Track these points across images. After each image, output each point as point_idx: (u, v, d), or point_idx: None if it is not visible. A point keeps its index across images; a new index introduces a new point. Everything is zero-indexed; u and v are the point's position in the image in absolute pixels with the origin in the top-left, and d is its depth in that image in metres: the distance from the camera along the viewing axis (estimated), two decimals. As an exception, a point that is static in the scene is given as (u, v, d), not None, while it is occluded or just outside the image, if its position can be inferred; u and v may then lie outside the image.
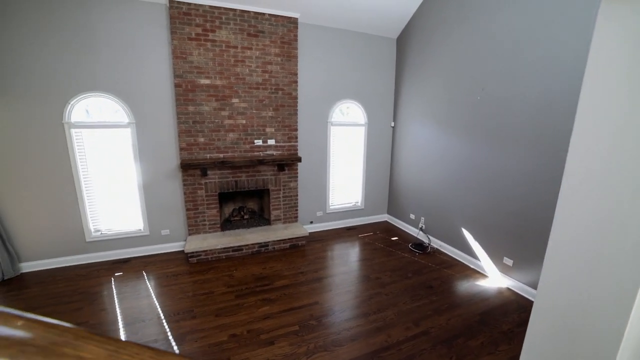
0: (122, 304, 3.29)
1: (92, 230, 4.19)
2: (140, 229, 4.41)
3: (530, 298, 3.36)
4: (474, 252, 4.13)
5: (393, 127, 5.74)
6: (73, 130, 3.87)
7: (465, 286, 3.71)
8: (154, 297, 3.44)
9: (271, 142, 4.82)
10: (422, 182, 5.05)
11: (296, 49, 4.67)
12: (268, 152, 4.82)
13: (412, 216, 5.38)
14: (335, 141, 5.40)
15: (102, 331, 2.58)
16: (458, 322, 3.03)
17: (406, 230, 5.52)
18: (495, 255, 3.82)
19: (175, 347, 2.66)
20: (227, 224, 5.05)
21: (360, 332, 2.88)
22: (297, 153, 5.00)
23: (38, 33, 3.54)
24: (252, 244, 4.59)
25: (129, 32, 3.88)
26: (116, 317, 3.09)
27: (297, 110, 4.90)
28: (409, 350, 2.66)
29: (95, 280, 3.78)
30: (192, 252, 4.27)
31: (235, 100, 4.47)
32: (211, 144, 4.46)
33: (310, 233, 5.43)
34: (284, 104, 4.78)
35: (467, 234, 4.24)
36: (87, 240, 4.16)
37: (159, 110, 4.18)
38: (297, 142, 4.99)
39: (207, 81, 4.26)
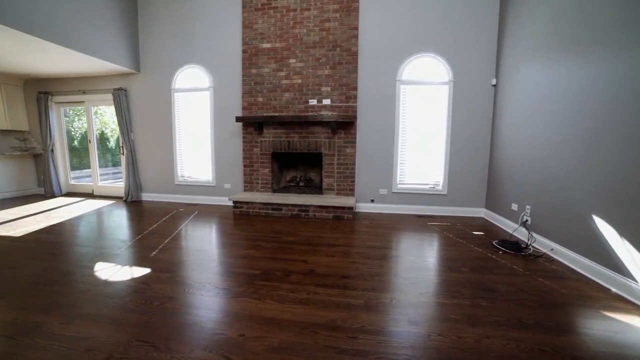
0: (176, 226, 3.84)
1: (179, 176, 5.21)
2: (209, 180, 5.10)
3: None
4: (621, 264, 2.21)
5: (495, 85, 4.14)
6: (175, 94, 5.04)
7: (588, 317, 2.00)
8: (195, 229, 3.82)
9: (326, 101, 4.53)
10: (536, 157, 3.27)
11: (357, 0, 4.29)
12: (323, 113, 4.54)
13: (515, 206, 3.57)
14: (407, 103, 4.45)
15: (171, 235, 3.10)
16: None
17: (505, 229, 3.71)
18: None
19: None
20: (282, 189, 5.05)
21: (330, 301, 2.06)
22: (355, 115, 4.46)
23: (161, 22, 4.92)
24: (292, 206, 4.35)
25: (215, 13, 4.75)
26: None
27: (357, 67, 4.41)
28: None
29: (174, 210, 4.63)
30: (236, 203, 4.50)
31: (292, 60, 4.54)
32: (268, 104, 4.67)
33: (366, 213, 4.61)
34: (341, 61, 4.43)
35: (607, 232, 2.35)
36: (175, 182, 5.20)
37: (230, 75, 4.82)
38: (355, 102, 4.46)
39: (268, 45, 4.57)
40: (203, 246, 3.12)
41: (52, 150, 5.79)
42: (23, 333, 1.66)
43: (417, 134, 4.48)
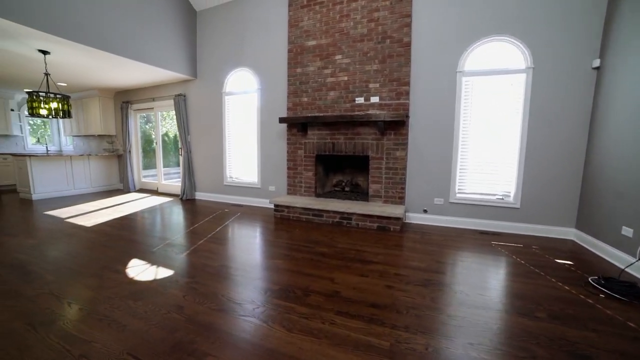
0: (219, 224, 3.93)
1: (228, 177, 5.35)
2: (255, 182, 5.12)
3: None
4: None
5: (598, 68, 3.17)
6: (226, 98, 5.21)
7: None
8: (236, 229, 3.83)
9: (374, 99, 4.11)
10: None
11: (412, -17, 3.79)
12: (370, 112, 4.13)
13: (628, 231, 2.62)
14: (469, 98, 3.75)
15: (207, 236, 3.20)
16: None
17: (609, 260, 2.76)
18: None
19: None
20: (327, 194, 4.77)
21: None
22: (407, 113, 3.94)
23: (216, 29, 5.14)
24: (334, 213, 4.03)
25: (263, 15, 4.76)
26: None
27: (409, 59, 3.90)
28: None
29: (219, 210, 4.77)
30: (277, 206, 4.38)
31: (338, 56, 4.25)
32: (313, 104, 4.46)
33: (416, 224, 4.03)
34: (392, 54, 3.96)
35: None
36: (224, 183, 5.36)
37: (276, 76, 4.76)
38: (407, 99, 3.94)
39: (313, 42, 4.37)
40: (232, 251, 3.02)
41: (130, 151, 6.59)
42: (42, 323, 1.72)
43: (481, 135, 3.73)
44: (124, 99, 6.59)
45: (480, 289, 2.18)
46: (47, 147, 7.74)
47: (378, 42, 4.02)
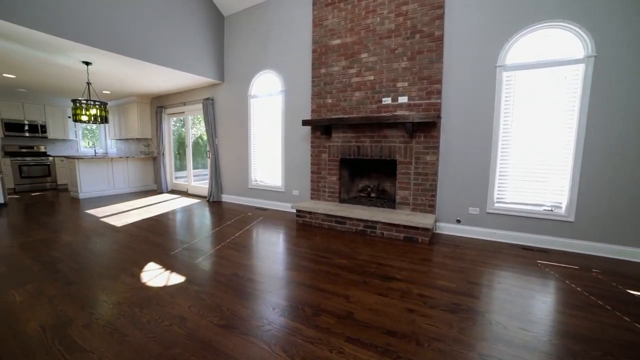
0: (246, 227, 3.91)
1: (252, 180, 5.34)
2: (279, 186, 5.04)
3: None
4: None
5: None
6: (251, 100, 5.20)
7: None
8: (254, 234, 3.78)
9: (402, 99, 3.82)
10: None
11: (445, -30, 3.46)
12: (398, 113, 3.85)
13: None
14: (511, 95, 3.31)
15: (225, 240, 3.21)
16: None
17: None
18: None
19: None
20: (351, 199, 4.54)
21: None
22: (438, 114, 3.60)
23: (242, 33, 5.17)
24: (357, 220, 3.80)
25: (287, 16, 4.69)
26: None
27: (441, 55, 3.56)
28: None
29: (242, 214, 4.77)
30: (299, 212, 4.25)
31: (364, 55, 4.02)
32: (337, 105, 4.27)
33: (448, 236, 3.66)
34: (422, 50, 3.65)
35: None
36: (249, 186, 5.36)
37: (300, 78, 4.65)
38: (439, 98, 3.60)
39: (338, 41, 4.19)
40: (246, 259, 2.92)
41: (163, 154, 6.90)
42: (53, 327, 1.74)
43: (526, 136, 3.27)
44: (159, 104, 6.93)
45: (523, 322, 1.83)
46: (95, 149, 8.41)
47: (407, 38, 3.73)
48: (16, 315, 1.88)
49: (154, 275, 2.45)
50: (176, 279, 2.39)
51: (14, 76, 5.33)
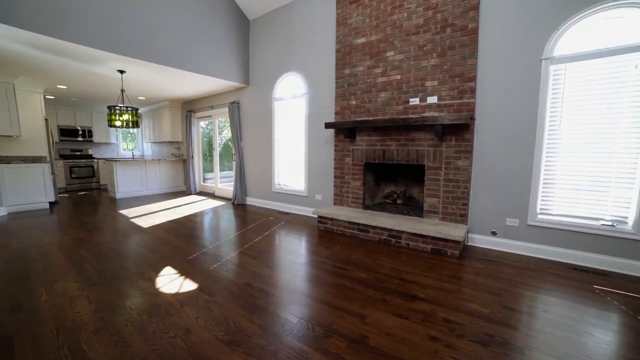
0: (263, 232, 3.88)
1: (276, 183, 5.30)
2: (302, 190, 4.94)
3: None
4: None
5: None
6: (275, 103, 5.17)
7: None
8: (278, 239, 3.72)
9: (432, 99, 3.53)
10: None
11: (481, -43, 3.14)
12: (426, 114, 3.57)
13: None
14: (560, 91, 2.90)
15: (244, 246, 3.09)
16: None
17: None
18: None
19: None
20: (376, 206, 4.31)
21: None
22: (472, 115, 3.28)
23: (266, 36, 5.16)
24: (381, 229, 3.57)
25: (310, 16, 4.59)
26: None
27: (475, 50, 3.23)
28: None
29: (264, 218, 4.74)
30: (320, 218, 4.10)
31: (390, 53, 3.79)
32: (362, 107, 4.08)
33: (482, 249, 3.31)
34: (453, 45, 3.35)
35: None
36: (272, 190, 5.32)
37: (323, 79, 4.52)
38: (473, 97, 3.28)
39: (362, 40, 4.00)
40: (261, 267, 2.81)
41: (192, 156, 7.13)
42: (66, 330, 1.77)
43: (578, 139, 2.84)
44: (189, 108, 7.18)
45: (574, 363, 1.52)
46: (132, 152, 8.94)
47: (436, 33, 3.45)
48: (39, 314, 1.94)
49: (169, 281, 2.44)
50: (189, 285, 2.35)
51: (65, 87, 5.81)
